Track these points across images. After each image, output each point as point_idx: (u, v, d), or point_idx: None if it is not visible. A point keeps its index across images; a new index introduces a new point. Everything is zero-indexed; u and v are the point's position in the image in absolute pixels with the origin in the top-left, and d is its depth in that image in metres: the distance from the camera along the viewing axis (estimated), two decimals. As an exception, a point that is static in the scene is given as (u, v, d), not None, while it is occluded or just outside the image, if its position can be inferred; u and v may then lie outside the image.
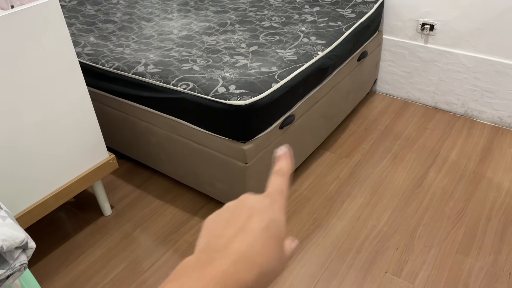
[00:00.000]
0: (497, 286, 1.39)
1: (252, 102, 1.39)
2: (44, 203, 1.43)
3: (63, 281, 1.50)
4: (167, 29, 2.01)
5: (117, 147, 1.95)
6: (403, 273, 1.45)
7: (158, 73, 1.59)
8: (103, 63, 1.72)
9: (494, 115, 2.12)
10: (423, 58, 2.20)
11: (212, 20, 2.08)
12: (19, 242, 0.88)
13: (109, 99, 1.77)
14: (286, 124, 1.59)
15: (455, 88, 2.17)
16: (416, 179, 1.83)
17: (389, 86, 2.41)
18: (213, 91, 1.45)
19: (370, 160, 1.96)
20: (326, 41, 1.77)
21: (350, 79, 2.00)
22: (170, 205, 1.78)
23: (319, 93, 1.76)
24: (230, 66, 1.61)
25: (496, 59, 1.99)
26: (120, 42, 1.91)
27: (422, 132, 2.12)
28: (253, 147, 1.47)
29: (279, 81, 1.50)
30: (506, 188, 1.76)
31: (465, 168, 1.88)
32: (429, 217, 1.65)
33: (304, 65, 1.60)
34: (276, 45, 1.76)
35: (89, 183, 1.57)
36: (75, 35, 2.00)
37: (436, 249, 1.53)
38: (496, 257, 1.49)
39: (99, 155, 1.58)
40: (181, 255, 1.56)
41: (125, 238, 1.65)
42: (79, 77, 1.42)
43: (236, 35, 1.89)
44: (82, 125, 1.48)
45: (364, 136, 2.11)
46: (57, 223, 1.75)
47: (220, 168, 1.56)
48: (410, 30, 2.18)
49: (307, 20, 1.97)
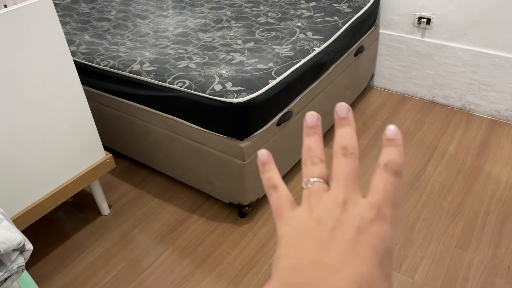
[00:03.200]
0: (496, 280, 1.39)
1: (249, 99, 1.38)
2: (41, 204, 1.42)
3: (62, 281, 1.50)
4: (163, 26, 2.00)
5: (114, 146, 1.95)
6: (402, 268, 1.45)
7: (154, 71, 1.58)
8: (98, 61, 1.71)
9: (492, 109, 2.12)
10: (420, 52, 2.19)
11: (207, 16, 2.06)
12: (16, 245, 0.87)
13: (105, 98, 1.76)
14: (284, 120, 1.58)
15: (453, 82, 2.17)
16: (414, 174, 1.83)
17: (387, 81, 2.40)
18: (210, 89, 1.44)
19: (368, 155, 1.96)
20: (323, 36, 1.76)
21: (347, 75, 1.99)
22: (168, 204, 1.78)
23: (316, 89, 1.75)
24: (226, 63, 1.60)
25: (493, 52, 1.99)
26: (115, 40, 1.90)
27: (420, 127, 2.11)
28: (251, 144, 1.46)
29: (276, 77, 1.49)
30: (504, 181, 1.76)
31: (463, 162, 1.88)
32: (428, 211, 1.65)
33: (301, 61, 1.59)
34: (272, 41, 1.75)
35: (86, 183, 1.56)
36: (69, 33, 1.98)
37: (435, 243, 1.53)
38: (495, 250, 1.49)
39: (96, 154, 1.57)
40: (180, 253, 1.56)
41: (123, 237, 1.65)
42: (74, 76, 1.41)
43: (232, 32, 1.87)
44: (78, 125, 1.47)
45: (362, 132, 2.11)
46: (55, 223, 1.74)
47: (218, 166, 1.56)
48: (406, 24, 2.17)
49: (303, 15, 1.96)
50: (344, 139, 0.31)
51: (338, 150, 0.30)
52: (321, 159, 0.31)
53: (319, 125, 0.33)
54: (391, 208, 0.28)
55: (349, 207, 0.27)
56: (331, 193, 0.29)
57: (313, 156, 0.32)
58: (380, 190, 0.28)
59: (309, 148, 0.32)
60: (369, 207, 0.27)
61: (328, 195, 0.29)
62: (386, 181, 0.28)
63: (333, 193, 0.28)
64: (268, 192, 0.32)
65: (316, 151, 0.32)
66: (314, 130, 0.32)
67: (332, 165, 0.30)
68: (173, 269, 1.51)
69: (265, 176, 0.33)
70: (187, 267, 1.51)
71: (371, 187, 0.29)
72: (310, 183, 0.30)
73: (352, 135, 0.31)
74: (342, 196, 0.28)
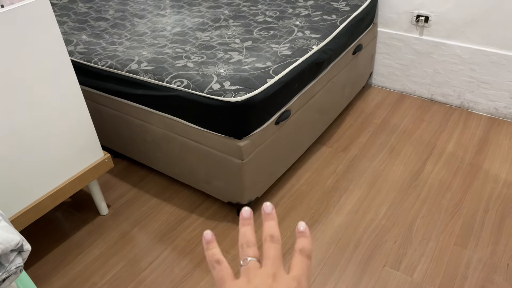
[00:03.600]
0: (495, 277, 1.39)
1: (247, 98, 1.38)
2: (40, 204, 1.42)
3: (60, 281, 1.49)
4: (160, 25, 2.00)
5: (113, 146, 1.94)
6: (401, 266, 1.45)
7: (151, 70, 1.58)
8: (96, 61, 1.70)
9: (490, 106, 2.12)
10: (418, 50, 2.19)
11: (205, 15, 2.06)
12: (14, 245, 0.87)
13: (103, 97, 1.75)
14: (282, 119, 1.58)
15: (451, 80, 2.17)
16: (413, 172, 1.83)
17: (385, 79, 2.40)
18: (208, 88, 1.44)
19: (367, 153, 1.96)
20: (321, 35, 1.75)
21: (345, 73, 1.99)
22: (167, 203, 1.78)
23: (314, 87, 1.75)
24: (224, 62, 1.60)
25: (491, 49, 1.99)
26: (113, 39, 1.89)
27: (418, 125, 2.11)
28: (249, 143, 1.46)
29: (274, 76, 1.49)
30: (503, 179, 1.76)
31: (462, 160, 1.88)
32: (427, 209, 1.65)
33: (299, 60, 1.59)
34: (270, 40, 1.75)
35: (84, 183, 1.56)
36: (67, 33, 1.98)
37: (434, 241, 1.53)
38: (494, 248, 1.49)
39: (94, 154, 1.57)
40: (179, 253, 1.56)
41: (122, 237, 1.64)
42: (72, 76, 1.41)
43: (230, 31, 1.87)
44: (76, 125, 1.47)
45: (360, 130, 2.11)
46: (53, 223, 1.74)
47: (216, 165, 1.55)
48: (404, 22, 2.17)
49: (301, 14, 1.96)
50: (270, 229, 0.41)
51: (266, 237, 0.41)
52: (254, 243, 0.41)
53: (251, 217, 0.43)
54: (307, 281, 0.38)
55: (278, 278, 0.37)
56: (263, 269, 0.38)
57: (248, 241, 0.41)
58: (298, 268, 0.39)
59: (245, 235, 0.41)
60: (292, 279, 0.38)
61: (261, 270, 0.38)
62: (301, 262, 0.39)
63: (265, 269, 0.38)
64: (212, 266, 0.40)
65: (250, 237, 0.41)
66: (248, 222, 0.42)
67: (263, 248, 0.40)
68: (172, 268, 1.51)
69: (209, 253, 0.41)
70: (186, 266, 1.51)
71: (291, 266, 0.39)
72: (246, 262, 0.39)
73: (276, 226, 0.42)
74: (272, 271, 0.38)
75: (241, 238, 0.42)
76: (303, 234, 0.41)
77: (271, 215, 0.42)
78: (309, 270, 0.39)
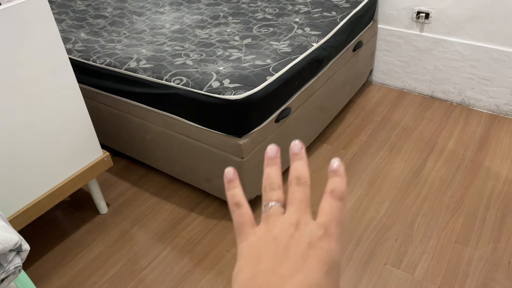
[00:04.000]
0: (496, 275, 1.39)
1: (246, 96, 1.37)
2: (39, 203, 1.41)
3: (60, 281, 1.49)
4: (159, 23, 1.98)
5: (112, 145, 1.93)
6: (402, 264, 1.45)
7: (150, 68, 1.57)
8: (95, 59, 1.69)
9: (491, 103, 2.11)
10: (418, 47, 2.18)
11: (204, 13, 2.05)
12: (13, 245, 0.86)
13: (102, 96, 1.74)
14: (282, 117, 1.57)
15: (452, 77, 2.16)
16: (414, 169, 1.83)
17: (385, 76, 2.39)
18: (207, 86, 1.43)
19: (367, 151, 1.95)
20: (321, 32, 1.74)
21: (345, 70, 1.98)
22: (167, 202, 1.77)
23: (314, 85, 1.74)
24: (223, 59, 1.59)
25: (492, 46, 1.97)
26: (111, 37, 1.88)
27: (419, 122, 2.10)
28: (249, 141, 1.45)
29: (273, 74, 1.48)
30: (504, 176, 1.76)
31: (463, 157, 1.87)
32: (428, 207, 1.65)
33: (299, 57, 1.58)
34: (270, 37, 1.74)
35: (84, 182, 1.55)
36: (65, 31, 1.96)
37: (435, 239, 1.52)
38: (495, 245, 1.48)
39: (93, 153, 1.56)
40: (179, 251, 1.55)
41: (122, 236, 1.64)
42: (70, 74, 1.40)
43: (229, 28, 1.86)
44: (74, 123, 1.46)
45: (361, 127, 2.10)
46: (53, 222, 1.73)
47: (216, 163, 1.55)
48: (405, 18, 2.16)
49: (301, 11, 1.95)
50: (297, 170, 0.35)
51: (292, 180, 0.35)
52: (279, 186, 0.36)
53: (278, 157, 0.37)
54: (337, 227, 0.32)
55: (301, 227, 0.32)
56: (286, 216, 0.33)
57: (272, 183, 0.36)
58: (327, 212, 0.33)
59: (269, 176, 0.36)
60: (318, 226, 0.32)
61: (283, 217, 0.33)
62: (332, 205, 0.33)
63: (288, 215, 0.33)
64: (232, 209, 0.36)
65: (275, 179, 0.36)
66: (273, 161, 0.37)
67: (288, 191, 0.35)
68: (172, 267, 1.50)
69: (230, 193, 0.36)
70: (186, 265, 1.51)
71: (320, 210, 0.33)
72: (268, 207, 0.34)
73: (305, 167, 0.36)
74: (296, 218, 0.32)
75: (264, 180, 0.36)
76: (336, 173, 0.34)
77: (299, 155, 0.36)
78: (341, 214, 0.33)
